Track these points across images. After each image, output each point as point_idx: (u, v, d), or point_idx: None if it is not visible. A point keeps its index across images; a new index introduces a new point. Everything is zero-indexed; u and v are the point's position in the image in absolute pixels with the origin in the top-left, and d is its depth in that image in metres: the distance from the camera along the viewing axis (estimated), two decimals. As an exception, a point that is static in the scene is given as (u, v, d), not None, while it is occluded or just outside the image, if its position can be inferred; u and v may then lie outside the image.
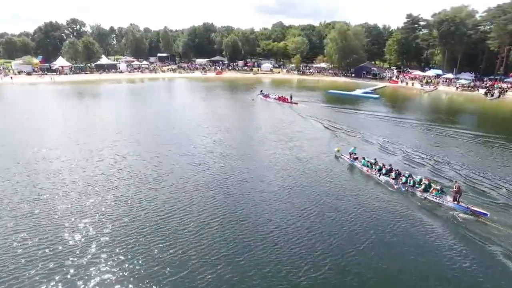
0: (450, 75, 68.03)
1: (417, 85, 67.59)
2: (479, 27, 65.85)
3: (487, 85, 60.47)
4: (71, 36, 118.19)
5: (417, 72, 74.77)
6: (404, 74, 75.90)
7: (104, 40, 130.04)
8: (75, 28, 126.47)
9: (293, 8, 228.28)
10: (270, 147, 25.09)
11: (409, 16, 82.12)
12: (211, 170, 19.90)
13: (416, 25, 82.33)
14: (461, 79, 64.54)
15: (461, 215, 14.98)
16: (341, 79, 77.27)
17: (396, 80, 72.01)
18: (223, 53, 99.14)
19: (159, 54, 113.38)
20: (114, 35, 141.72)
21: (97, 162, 21.21)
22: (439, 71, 73.22)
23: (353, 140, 27.05)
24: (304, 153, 23.56)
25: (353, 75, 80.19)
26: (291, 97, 44.04)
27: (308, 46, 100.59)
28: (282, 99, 44.76)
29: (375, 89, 60.22)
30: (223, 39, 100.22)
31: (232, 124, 32.84)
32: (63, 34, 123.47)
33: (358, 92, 54.82)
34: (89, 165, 20.56)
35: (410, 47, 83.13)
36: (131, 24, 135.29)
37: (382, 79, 74.93)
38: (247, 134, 29.46)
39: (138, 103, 45.92)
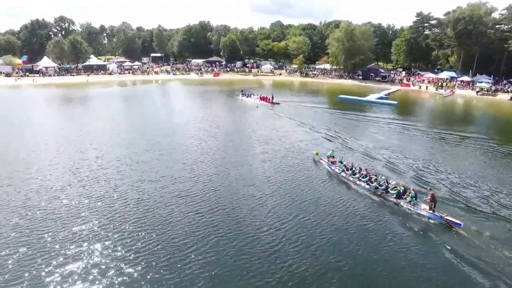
0: (466, 78, 63.01)
1: (431, 88, 62.56)
2: (499, 26, 60.93)
3: (510, 89, 55.53)
4: (60, 35, 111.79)
5: (430, 75, 69.67)
6: (417, 77, 70.71)
7: (94, 39, 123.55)
8: (64, 27, 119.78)
9: (289, 8, 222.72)
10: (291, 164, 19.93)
11: (419, 14, 77.16)
12: (194, 176, 19.15)
13: (426, 24, 77.36)
14: (480, 82, 59.45)
15: (434, 224, 14.57)
16: (348, 82, 71.98)
17: (408, 83, 66.89)
18: (221, 53, 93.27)
19: (152, 54, 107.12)
20: (105, 34, 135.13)
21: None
22: (453, 73, 68.27)
23: (377, 163, 21.97)
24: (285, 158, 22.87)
25: (360, 77, 75.01)
26: (272, 97, 44.39)
27: (309, 46, 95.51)
28: (263, 98, 45.06)
29: (389, 94, 55.03)
30: (220, 38, 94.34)
31: (236, 136, 27.37)
32: (50, 33, 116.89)
33: (372, 97, 49.43)
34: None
35: (420, 48, 78.25)
36: (123, 23, 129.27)
37: (392, 82, 69.79)
38: (249, 144, 25.32)
39: (129, 113, 40.10)
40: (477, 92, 55.94)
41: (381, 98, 49.91)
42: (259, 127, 31.20)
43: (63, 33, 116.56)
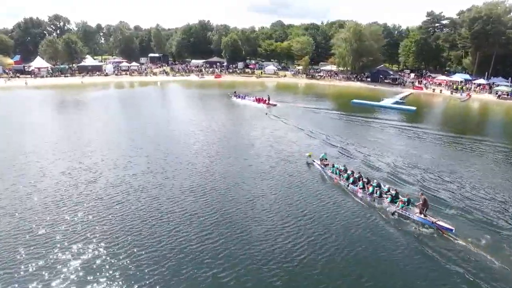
0: (482, 81, 59.80)
1: (445, 92, 59.30)
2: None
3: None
4: (54, 34, 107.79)
5: (442, 77, 66.49)
6: (429, 79, 67.43)
7: (90, 39, 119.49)
8: (59, 25, 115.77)
9: (286, 7, 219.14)
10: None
11: (429, 14, 74.03)
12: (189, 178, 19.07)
13: (437, 24, 74.17)
14: (499, 85, 56.17)
15: (426, 229, 14.28)
16: (356, 84, 68.66)
17: (420, 86, 63.59)
18: (222, 53, 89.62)
19: (150, 55, 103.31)
20: (101, 34, 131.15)
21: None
22: (466, 76, 65.05)
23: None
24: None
25: (368, 79, 71.74)
26: (268, 98, 43.23)
27: (313, 47, 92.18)
28: (259, 100, 43.92)
29: (404, 98, 51.73)
30: (221, 38, 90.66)
31: (242, 149, 23.83)
32: (45, 32, 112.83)
33: (388, 102, 46.06)
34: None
35: (430, 49, 74.96)
36: (120, 22, 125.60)
37: (402, 84, 66.52)
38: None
39: (125, 123, 36.34)
40: (498, 96, 52.60)
41: (396, 103, 46.60)
42: (269, 139, 27.66)
43: (58, 32, 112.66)
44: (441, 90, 59.71)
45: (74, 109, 40.20)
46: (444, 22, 74.26)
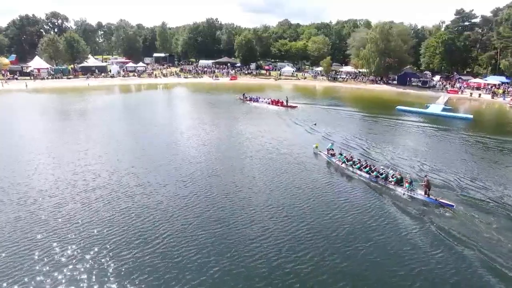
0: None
1: (484, 96, 54.82)
2: None
3: None
4: (52, 32, 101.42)
5: (476, 80, 62.14)
6: (463, 82, 62.94)
7: (90, 38, 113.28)
8: (56, 23, 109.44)
9: (281, 7, 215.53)
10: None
11: (459, 12, 69.62)
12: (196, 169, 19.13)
13: (467, 23, 69.82)
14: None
15: (429, 207, 15.56)
16: (383, 88, 64.06)
17: (456, 89, 59.12)
18: (235, 54, 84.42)
19: (155, 54, 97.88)
20: (102, 32, 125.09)
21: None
22: (503, 78, 60.82)
23: None
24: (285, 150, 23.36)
25: (394, 82, 67.21)
26: (287, 100, 40.83)
27: (330, 47, 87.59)
28: (276, 102, 41.36)
29: (446, 103, 47.19)
30: (234, 37, 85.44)
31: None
32: (42, 30, 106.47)
33: (436, 109, 41.24)
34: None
35: (459, 49, 70.57)
36: (121, 20, 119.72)
37: (433, 88, 62.08)
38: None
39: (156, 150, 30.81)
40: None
41: (444, 109, 41.91)
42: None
43: (55, 30, 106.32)
44: (480, 94, 55.23)
45: (95, 120, 33.46)
46: (474, 20, 69.81)
